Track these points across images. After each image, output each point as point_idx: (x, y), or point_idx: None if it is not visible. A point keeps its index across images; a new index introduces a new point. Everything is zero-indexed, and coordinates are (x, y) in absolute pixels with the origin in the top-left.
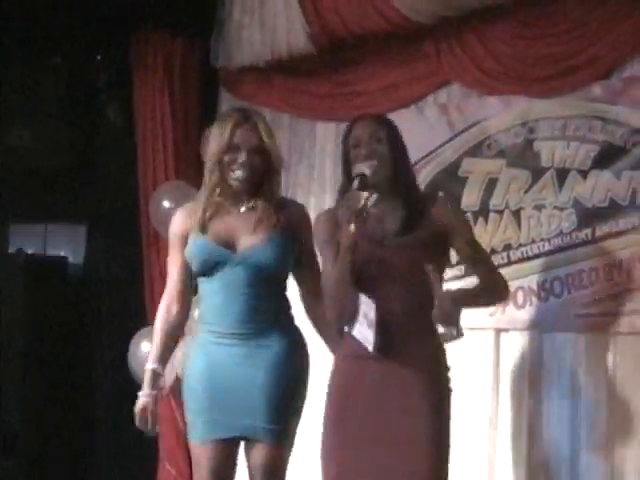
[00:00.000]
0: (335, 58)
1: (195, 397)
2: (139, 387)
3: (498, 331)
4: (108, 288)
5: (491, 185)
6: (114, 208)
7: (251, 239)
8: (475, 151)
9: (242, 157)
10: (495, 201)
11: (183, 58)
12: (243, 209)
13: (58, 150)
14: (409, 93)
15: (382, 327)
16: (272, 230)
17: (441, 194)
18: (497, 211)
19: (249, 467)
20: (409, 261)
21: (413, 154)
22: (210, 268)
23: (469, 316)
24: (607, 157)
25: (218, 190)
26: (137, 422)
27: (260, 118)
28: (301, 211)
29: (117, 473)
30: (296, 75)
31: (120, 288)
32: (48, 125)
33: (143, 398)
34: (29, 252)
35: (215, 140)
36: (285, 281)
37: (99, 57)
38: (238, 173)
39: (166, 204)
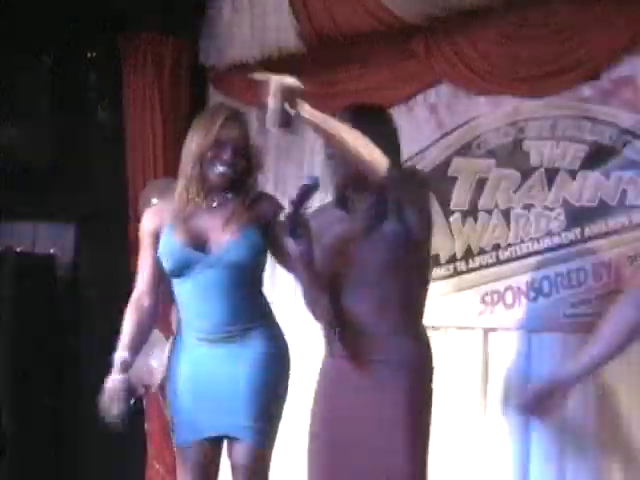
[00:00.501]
0: (325, 57)
1: (178, 398)
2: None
3: (487, 331)
4: (97, 286)
5: (480, 185)
6: (103, 206)
7: (223, 236)
8: (464, 151)
9: (227, 154)
10: (484, 201)
11: (173, 57)
12: (215, 204)
13: (48, 149)
14: (398, 92)
15: (357, 327)
16: (245, 225)
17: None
18: (486, 211)
19: (232, 466)
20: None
21: (402, 153)
22: (181, 270)
23: (457, 316)
24: (596, 157)
25: (195, 185)
26: (102, 405)
27: (246, 118)
28: (273, 202)
29: (106, 472)
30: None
31: (109, 286)
32: (38, 124)
33: (112, 382)
34: (18, 250)
35: (200, 134)
36: (262, 276)
37: (89, 56)
38: (221, 169)
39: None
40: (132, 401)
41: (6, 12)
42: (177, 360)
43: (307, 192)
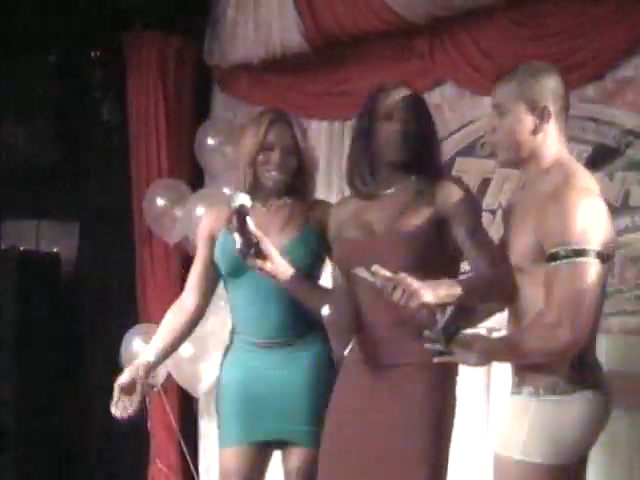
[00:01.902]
0: (329, 57)
1: (230, 402)
2: None
3: (490, 330)
4: (101, 285)
5: (484, 185)
6: (107, 205)
7: (280, 239)
8: (468, 151)
9: (276, 157)
10: (488, 201)
11: (177, 56)
12: (273, 208)
13: (51, 147)
14: None
15: (376, 332)
16: (302, 228)
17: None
18: (490, 211)
19: (285, 471)
20: (401, 253)
21: None
22: (236, 271)
23: None
24: (600, 158)
25: (250, 190)
26: (115, 398)
27: (294, 118)
28: (328, 206)
29: (109, 470)
30: (290, 73)
31: (113, 285)
32: (42, 122)
33: (129, 373)
34: (22, 249)
35: (249, 139)
36: (318, 280)
37: (93, 55)
38: (273, 174)
39: (159, 202)
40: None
41: (11, 11)
42: (230, 364)
43: (243, 215)
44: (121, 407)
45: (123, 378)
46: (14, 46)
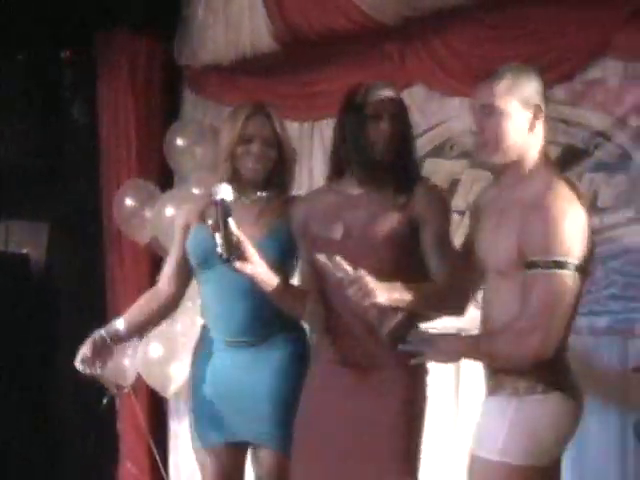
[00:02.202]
0: (299, 58)
1: (201, 402)
2: (100, 385)
3: (460, 331)
4: (70, 286)
5: (453, 186)
6: (77, 206)
7: (253, 232)
8: (438, 152)
9: (255, 148)
10: (457, 202)
11: (147, 57)
12: (248, 201)
13: (21, 148)
14: None
15: (351, 333)
16: (276, 223)
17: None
18: (459, 212)
19: (255, 473)
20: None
21: None
22: (206, 262)
23: None
24: (569, 159)
25: (229, 183)
26: (83, 354)
27: (274, 109)
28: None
29: (78, 472)
30: (260, 74)
31: (82, 286)
32: (11, 123)
33: (95, 336)
34: None
35: (227, 132)
36: (291, 275)
37: (63, 55)
38: (252, 165)
39: (129, 202)
40: (104, 401)
41: None
42: (201, 362)
43: (225, 208)
44: (89, 363)
45: (96, 335)
46: None
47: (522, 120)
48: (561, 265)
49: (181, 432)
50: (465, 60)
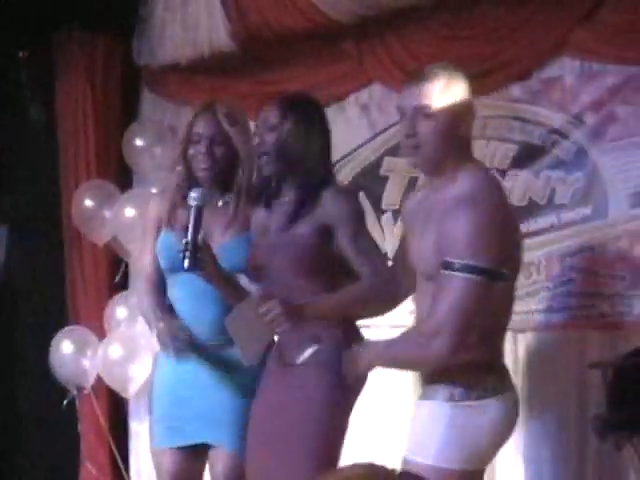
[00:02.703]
0: (257, 57)
1: (160, 403)
2: (60, 386)
3: (392, 327)
4: (29, 288)
5: (412, 184)
6: (35, 208)
7: (220, 238)
8: (396, 150)
9: (202, 148)
10: None
11: (105, 57)
12: (220, 203)
13: None
14: (331, 93)
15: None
16: (240, 229)
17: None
18: None
19: (211, 474)
20: (287, 261)
21: (334, 154)
22: (174, 266)
23: (388, 315)
24: (526, 157)
25: (186, 184)
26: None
27: (224, 106)
28: None
29: (39, 473)
30: (219, 74)
31: (42, 288)
32: None
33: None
34: None
35: (179, 137)
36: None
37: (21, 55)
38: (201, 165)
39: (88, 203)
40: (65, 402)
41: None
42: (164, 363)
43: (200, 214)
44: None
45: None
46: None
47: (456, 121)
48: (473, 270)
49: (142, 433)
50: (422, 59)
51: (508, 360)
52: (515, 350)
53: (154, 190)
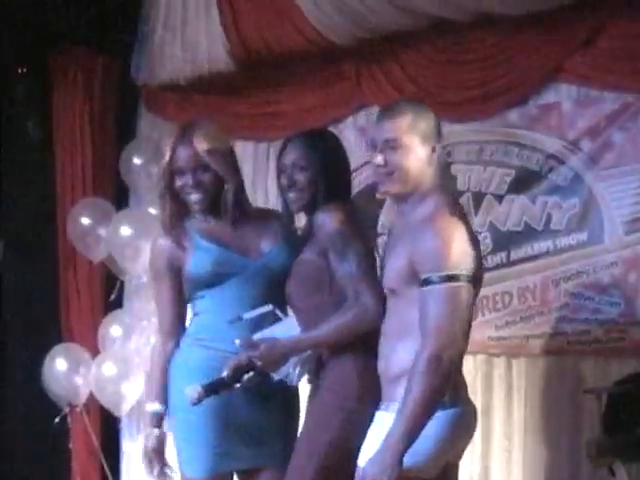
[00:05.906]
0: (256, 77)
1: (198, 427)
2: (52, 403)
3: None
4: (24, 304)
5: None
6: (31, 223)
7: (261, 243)
8: None
9: (189, 180)
10: None
11: (103, 75)
12: (237, 232)
13: None
14: (328, 115)
15: None
16: (275, 238)
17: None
18: None
19: None
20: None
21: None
22: (220, 275)
23: None
24: (522, 182)
25: (179, 213)
26: (145, 466)
27: (201, 131)
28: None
29: None
30: (216, 94)
31: (36, 304)
32: None
33: (150, 439)
34: None
35: (162, 164)
36: None
37: (19, 71)
38: (194, 197)
39: (84, 220)
40: (57, 419)
41: None
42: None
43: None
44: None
45: (150, 443)
46: None
47: (422, 154)
48: (454, 278)
49: (133, 451)
50: (420, 83)
51: (502, 385)
52: (509, 375)
53: (151, 209)
